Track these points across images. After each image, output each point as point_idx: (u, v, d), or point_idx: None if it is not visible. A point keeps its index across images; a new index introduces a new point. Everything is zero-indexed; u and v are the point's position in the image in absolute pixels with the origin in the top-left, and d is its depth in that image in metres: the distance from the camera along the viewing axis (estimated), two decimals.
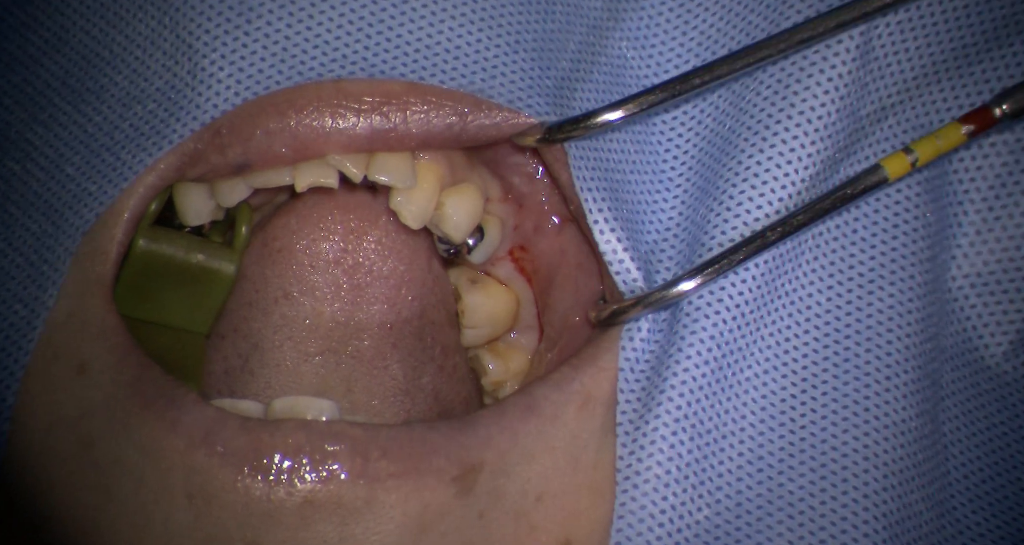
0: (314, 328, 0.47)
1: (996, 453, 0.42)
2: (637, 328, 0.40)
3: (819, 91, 0.40)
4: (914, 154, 0.39)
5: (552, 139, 0.40)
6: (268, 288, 0.47)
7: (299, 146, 0.40)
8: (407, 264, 0.48)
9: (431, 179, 0.44)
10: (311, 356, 0.47)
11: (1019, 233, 0.43)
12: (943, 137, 0.39)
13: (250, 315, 0.47)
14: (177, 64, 0.40)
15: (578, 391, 0.40)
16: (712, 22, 0.42)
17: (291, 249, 0.47)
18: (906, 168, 0.39)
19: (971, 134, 0.39)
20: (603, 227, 0.40)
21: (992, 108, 0.39)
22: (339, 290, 0.48)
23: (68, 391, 0.39)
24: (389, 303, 0.48)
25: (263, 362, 0.47)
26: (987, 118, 0.39)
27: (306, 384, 0.47)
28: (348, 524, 0.37)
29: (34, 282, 0.40)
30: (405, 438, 0.38)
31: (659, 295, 0.39)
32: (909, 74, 0.42)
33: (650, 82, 0.43)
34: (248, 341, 0.47)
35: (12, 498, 0.40)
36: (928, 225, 0.42)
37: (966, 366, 0.43)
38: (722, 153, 0.41)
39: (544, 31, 0.41)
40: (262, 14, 0.40)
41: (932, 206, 0.42)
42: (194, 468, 0.37)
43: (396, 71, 0.40)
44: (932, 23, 0.42)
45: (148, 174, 0.40)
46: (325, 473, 0.37)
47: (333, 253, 0.48)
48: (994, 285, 0.43)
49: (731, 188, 0.40)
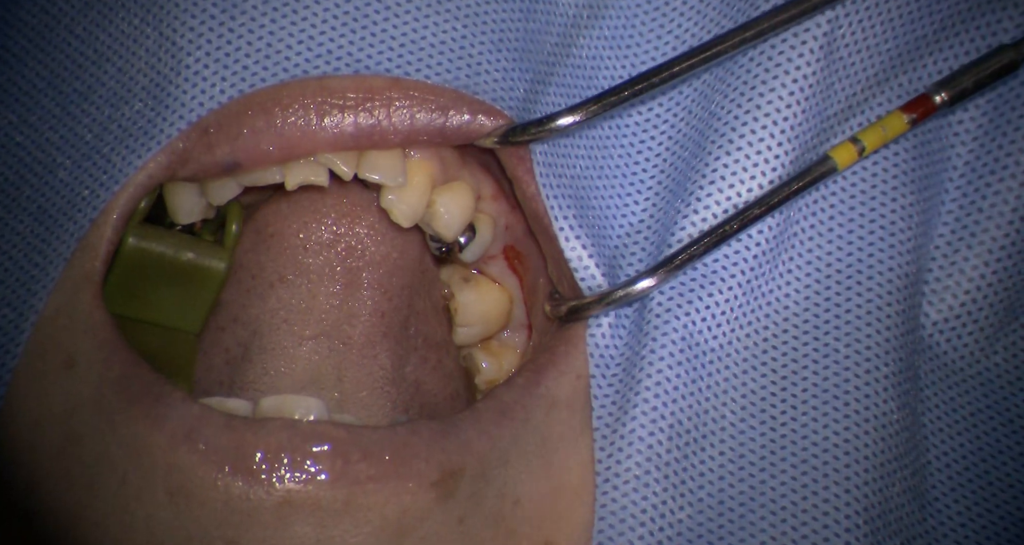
0: (308, 310, 0.48)
1: (974, 442, 0.42)
2: (598, 326, 0.40)
3: (784, 93, 0.40)
4: (861, 143, 0.40)
5: (510, 141, 0.40)
6: (264, 273, 0.48)
7: (286, 144, 0.40)
8: (399, 252, 0.48)
9: (422, 177, 0.44)
10: (305, 340, 0.48)
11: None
12: (888, 126, 0.40)
13: (248, 302, 0.47)
14: (160, 61, 0.40)
15: (544, 394, 0.39)
16: (687, 26, 0.42)
17: (284, 233, 0.47)
18: (854, 157, 0.40)
19: (913, 122, 0.41)
20: (568, 234, 0.40)
21: (932, 96, 0.41)
22: (333, 273, 0.48)
23: (56, 386, 0.39)
24: (381, 290, 0.48)
25: (262, 347, 0.47)
26: (928, 106, 0.41)
27: (299, 371, 0.48)
28: (326, 526, 0.37)
29: (24, 286, 0.40)
30: (387, 441, 0.38)
31: (622, 293, 0.39)
32: (871, 71, 0.42)
33: None
34: (248, 329, 0.48)
35: (2, 492, 0.40)
36: (909, 216, 0.42)
37: (938, 357, 0.43)
38: (691, 155, 0.41)
39: (526, 30, 0.41)
40: (246, 10, 0.39)
41: (913, 198, 0.42)
42: (175, 466, 0.37)
43: (381, 67, 0.40)
44: (889, 19, 0.42)
45: (138, 173, 0.40)
46: (305, 474, 0.37)
47: (326, 236, 0.48)
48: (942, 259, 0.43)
49: (698, 189, 0.40)
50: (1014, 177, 0.43)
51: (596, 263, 0.41)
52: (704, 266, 0.40)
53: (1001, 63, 0.41)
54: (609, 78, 0.42)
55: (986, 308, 0.42)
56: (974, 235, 0.43)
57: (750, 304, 0.40)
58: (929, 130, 0.43)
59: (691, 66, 0.39)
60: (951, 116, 0.43)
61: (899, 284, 0.41)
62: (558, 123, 0.39)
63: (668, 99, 0.42)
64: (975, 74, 0.41)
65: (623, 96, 0.39)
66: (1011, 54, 0.41)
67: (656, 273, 0.39)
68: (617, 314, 0.41)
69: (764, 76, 0.41)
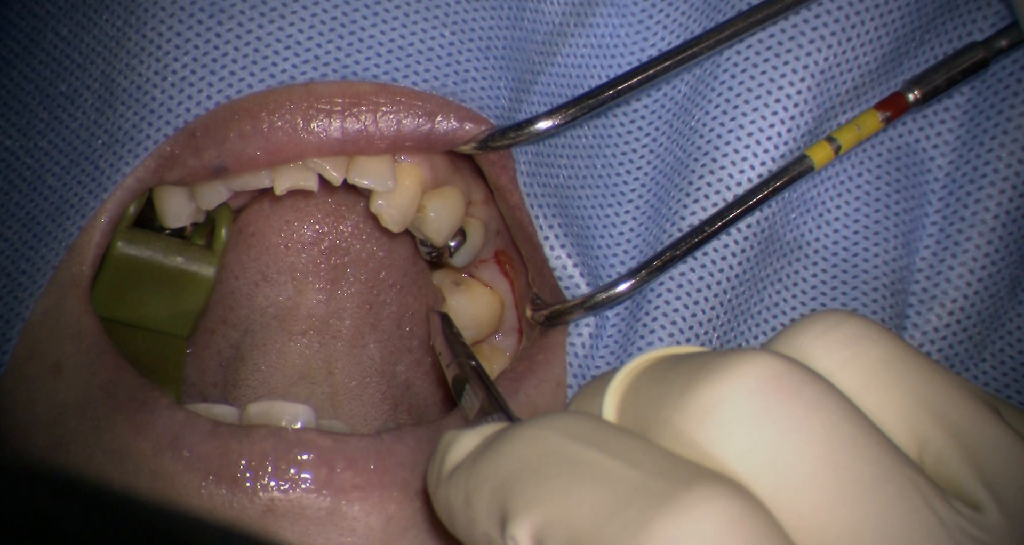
0: (295, 307, 0.48)
1: None
2: (579, 335, 0.40)
3: (771, 100, 0.40)
4: (836, 142, 0.40)
5: (489, 147, 0.39)
6: (247, 273, 0.48)
7: (272, 149, 0.40)
8: (386, 250, 0.48)
9: (412, 182, 0.44)
10: (295, 336, 0.48)
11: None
12: (862, 124, 0.41)
13: (235, 303, 0.48)
14: (142, 64, 0.39)
15: (525, 402, 0.39)
16: (675, 31, 0.42)
17: (264, 232, 0.47)
18: (830, 156, 0.40)
19: (887, 120, 0.41)
20: (553, 243, 0.40)
21: (905, 94, 0.41)
22: (317, 270, 0.48)
23: (43, 392, 0.39)
24: (368, 284, 0.48)
25: (253, 344, 0.47)
26: (901, 104, 0.41)
27: (290, 367, 0.48)
28: (310, 534, 0.37)
29: (11, 293, 0.40)
30: (372, 450, 0.37)
31: (603, 296, 0.39)
32: (854, 81, 0.42)
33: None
34: (238, 329, 0.48)
35: None
36: (895, 226, 0.42)
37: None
38: (677, 163, 0.41)
39: (512, 38, 0.41)
40: (233, 15, 0.39)
41: (898, 208, 0.42)
42: (160, 473, 0.37)
43: (368, 72, 0.39)
44: (874, 26, 0.42)
45: (126, 178, 0.40)
46: (289, 482, 0.37)
47: (309, 235, 0.48)
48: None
49: (684, 197, 0.40)
50: (993, 185, 0.42)
51: (580, 272, 0.40)
52: (691, 272, 0.40)
53: (972, 60, 0.41)
54: (596, 83, 0.42)
55: (974, 316, 0.42)
56: (958, 244, 0.42)
57: (736, 310, 0.40)
58: (907, 143, 0.43)
59: (667, 68, 0.39)
60: (929, 129, 0.43)
61: (884, 292, 0.41)
62: (536, 127, 0.39)
63: (652, 102, 0.42)
64: (947, 71, 0.41)
65: (601, 98, 0.39)
66: (981, 52, 0.41)
67: (637, 276, 0.39)
68: (599, 325, 0.40)
69: (750, 84, 0.40)
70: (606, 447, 0.26)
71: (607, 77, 0.42)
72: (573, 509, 0.25)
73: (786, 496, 0.25)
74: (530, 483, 0.26)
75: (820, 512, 0.24)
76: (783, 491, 0.25)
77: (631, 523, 0.24)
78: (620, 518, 0.24)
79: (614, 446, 0.26)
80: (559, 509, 0.25)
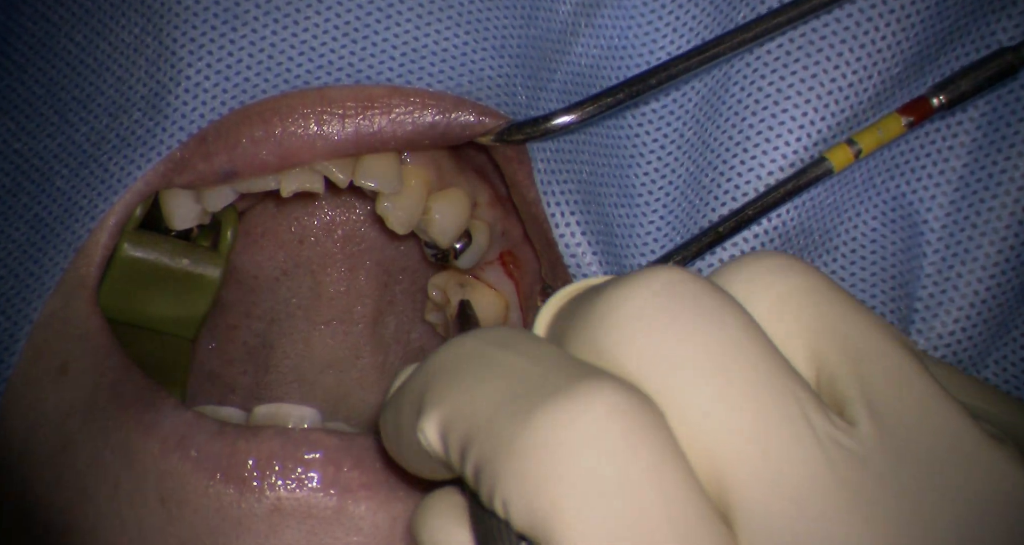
0: (317, 297, 0.49)
1: None
2: None
3: (800, 101, 0.40)
4: (857, 145, 0.40)
5: (506, 140, 0.40)
6: (263, 271, 0.49)
7: (284, 153, 0.40)
8: (398, 239, 0.50)
9: (418, 183, 0.44)
10: (318, 325, 0.49)
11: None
12: (884, 128, 0.40)
13: (257, 299, 0.49)
14: (160, 71, 0.40)
15: None
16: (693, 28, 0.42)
17: (275, 231, 0.49)
18: (849, 159, 0.40)
19: (910, 125, 0.40)
20: (569, 241, 0.41)
21: (930, 98, 0.40)
22: (334, 261, 0.50)
23: (50, 392, 0.39)
24: (383, 266, 0.50)
25: (281, 332, 0.49)
26: (925, 108, 0.40)
27: (317, 355, 0.50)
28: (316, 533, 0.37)
29: (19, 294, 0.40)
30: (379, 449, 0.38)
31: None
32: (880, 86, 0.41)
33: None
34: (263, 320, 0.49)
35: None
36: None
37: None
38: (700, 164, 0.41)
39: (527, 37, 0.41)
40: (247, 21, 0.39)
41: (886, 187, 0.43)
42: (167, 472, 0.37)
43: (382, 76, 0.40)
44: (900, 29, 0.41)
45: (136, 182, 0.40)
46: (296, 482, 0.37)
47: (320, 229, 0.50)
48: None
49: (710, 197, 0.40)
50: (1008, 193, 0.42)
51: (605, 272, 0.40)
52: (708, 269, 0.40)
53: (1000, 66, 0.40)
54: (608, 83, 0.42)
55: (980, 325, 0.42)
56: (968, 251, 0.42)
57: None
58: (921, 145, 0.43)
59: (688, 67, 0.39)
60: (945, 130, 0.43)
61: (884, 298, 0.41)
62: (555, 122, 0.39)
63: (671, 102, 0.42)
64: (973, 77, 0.40)
65: (619, 98, 0.39)
66: (1010, 57, 0.40)
67: None
68: None
69: (769, 90, 0.40)
70: (516, 348, 0.27)
71: (622, 73, 0.42)
72: (474, 401, 0.26)
73: (671, 394, 0.26)
74: (442, 381, 0.27)
75: (700, 412, 0.25)
76: (669, 389, 0.26)
77: (519, 412, 0.25)
78: (510, 407, 0.25)
79: (524, 348, 0.27)
80: (463, 402, 0.26)
